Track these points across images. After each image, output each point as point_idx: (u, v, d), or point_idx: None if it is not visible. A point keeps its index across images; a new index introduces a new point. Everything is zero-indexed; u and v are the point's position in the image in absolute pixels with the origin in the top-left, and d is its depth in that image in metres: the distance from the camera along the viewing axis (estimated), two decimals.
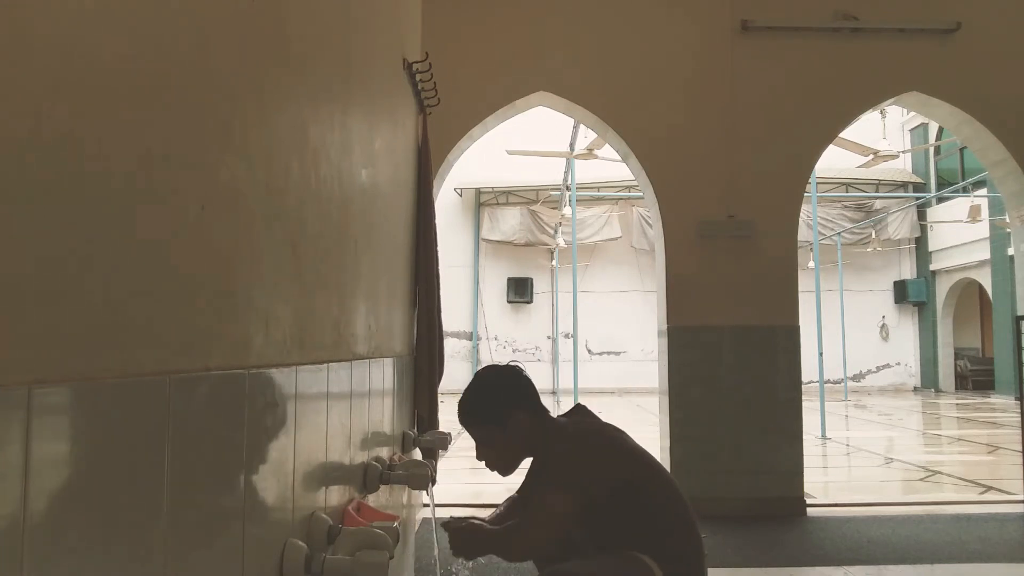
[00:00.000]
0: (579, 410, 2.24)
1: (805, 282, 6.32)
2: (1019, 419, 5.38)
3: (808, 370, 5.91)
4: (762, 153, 4.98)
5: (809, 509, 4.77)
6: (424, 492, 2.68)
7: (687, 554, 2.01)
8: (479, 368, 2.25)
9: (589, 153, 10.38)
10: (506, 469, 2.19)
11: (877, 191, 18.06)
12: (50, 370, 0.64)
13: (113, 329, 0.75)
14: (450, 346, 16.60)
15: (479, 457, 2.18)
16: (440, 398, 3.62)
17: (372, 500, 2.02)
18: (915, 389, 18.02)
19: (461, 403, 2.18)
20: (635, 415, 11.72)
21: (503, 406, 2.12)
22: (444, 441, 3.05)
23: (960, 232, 15.90)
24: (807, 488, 4.96)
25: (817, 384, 9.44)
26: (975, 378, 17.21)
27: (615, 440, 2.12)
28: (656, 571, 1.92)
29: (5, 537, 0.57)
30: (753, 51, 5.02)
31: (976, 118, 5.02)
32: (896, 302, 18.13)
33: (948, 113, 5.18)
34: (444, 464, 4.38)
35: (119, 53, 0.77)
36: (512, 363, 2.24)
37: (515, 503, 2.27)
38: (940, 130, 15.76)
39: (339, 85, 1.82)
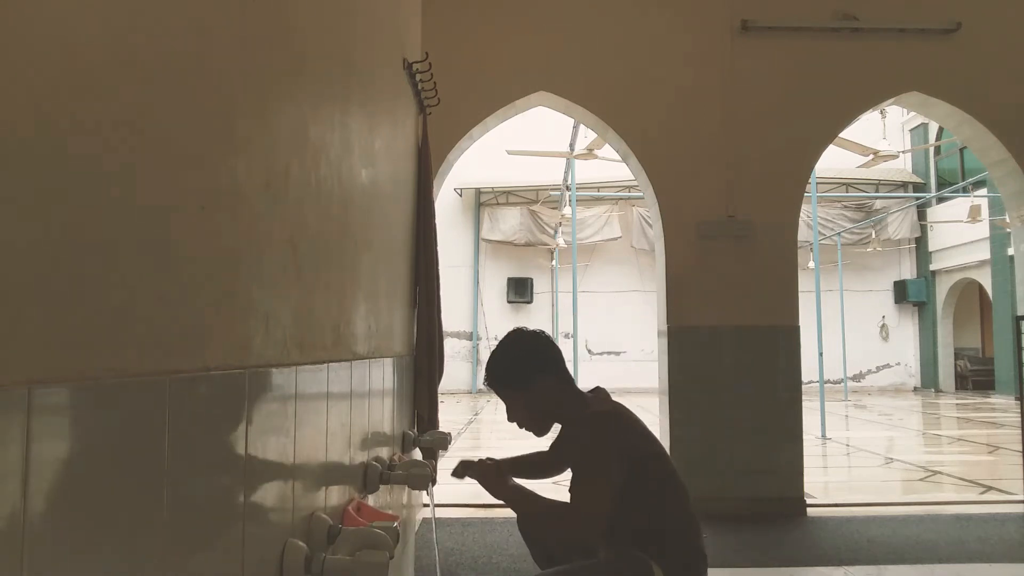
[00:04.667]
0: (598, 392, 2.19)
1: (805, 282, 6.32)
2: (1019, 419, 5.38)
3: (808, 370, 5.91)
4: (762, 153, 4.98)
5: (809, 509, 4.77)
6: (424, 492, 2.68)
7: (690, 560, 1.98)
8: (507, 332, 2.24)
9: (589, 153, 10.38)
10: (538, 430, 2.15)
11: (877, 191, 18.06)
12: (50, 370, 0.64)
13: (113, 329, 0.75)
14: (450, 346, 16.61)
15: (510, 419, 2.16)
16: (440, 398, 3.61)
17: (372, 500, 2.03)
18: (915, 389, 18.01)
19: (489, 365, 2.15)
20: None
21: (531, 370, 2.09)
22: (444, 441, 3.05)
23: (960, 232, 15.90)
24: (807, 488, 4.96)
25: (817, 384, 9.44)
26: (975, 378, 17.21)
27: (642, 427, 2.06)
28: (657, 573, 1.91)
29: (5, 537, 0.57)
30: (753, 51, 5.02)
31: (976, 118, 5.02)
32: (896, 302, 18.13)
33: (948, 113, 5.18)
34: (444, 464, 4.37)
35: (119, 52, 0.77)
36: (538, 330, 2.20)
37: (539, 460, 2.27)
38: (940, 130, 15.77)
39: (339, 85, 1.82)
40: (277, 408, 1.24)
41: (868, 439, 9.18)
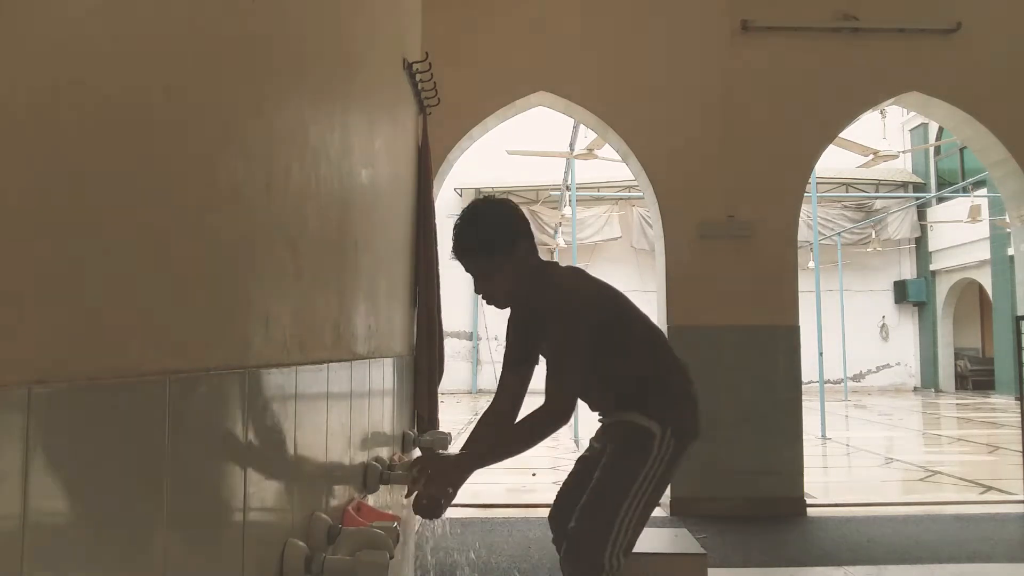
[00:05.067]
0: (553, 262, 2.21)
1: (805, 282, 6.31)
2: (1019, 419, 5.38)
3: (808, 370, 5.91)
4: (762, 153, 4.98)
5: (809, 509, 4.77)
6: None
7: (680, 400, 2.12)
8: (474, 201, 2.15)
9: (589, 153, 10.37)
10: (506, 301, 2.12)
11: (877, 191, 18.05)
12: (50, 370, 0.64)
13: (113, 329, 0.75)
14: (450, 346, 16.59)
15: (478, 290, 2.10)
16: (440, 398, 3.61)
17: (372, 500, 2.02)
18: (915, 389, 18.01)
19: (463, 232, 2.03)
20: None
21: (511, 234, 2.04)
22: (444, 441, 3.04)
23: (960, 232, 15.88)
24: (807, 488, 4.96)
25: (817, 384, 9.44)
26: (975, 378, 17.20)
27: (604, 285, 2.15)
28: (655, 429, 2.00)
29: (5, 537, 0.57)
30: (753, 51, 5.02)
31: (976, 118, 5.02)
32: (896, 302, 18.12)
33: (948, 113, 5.18)
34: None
35: (118, 53, 0.77)
36: (504, 198, 2.19)
37: (486, 422, 2.17)
38: (940, 130, 15.75)
39: (339, 85, 1.82)
40: (277, 408, 1.24)
41: (868, 439, 9.18)
